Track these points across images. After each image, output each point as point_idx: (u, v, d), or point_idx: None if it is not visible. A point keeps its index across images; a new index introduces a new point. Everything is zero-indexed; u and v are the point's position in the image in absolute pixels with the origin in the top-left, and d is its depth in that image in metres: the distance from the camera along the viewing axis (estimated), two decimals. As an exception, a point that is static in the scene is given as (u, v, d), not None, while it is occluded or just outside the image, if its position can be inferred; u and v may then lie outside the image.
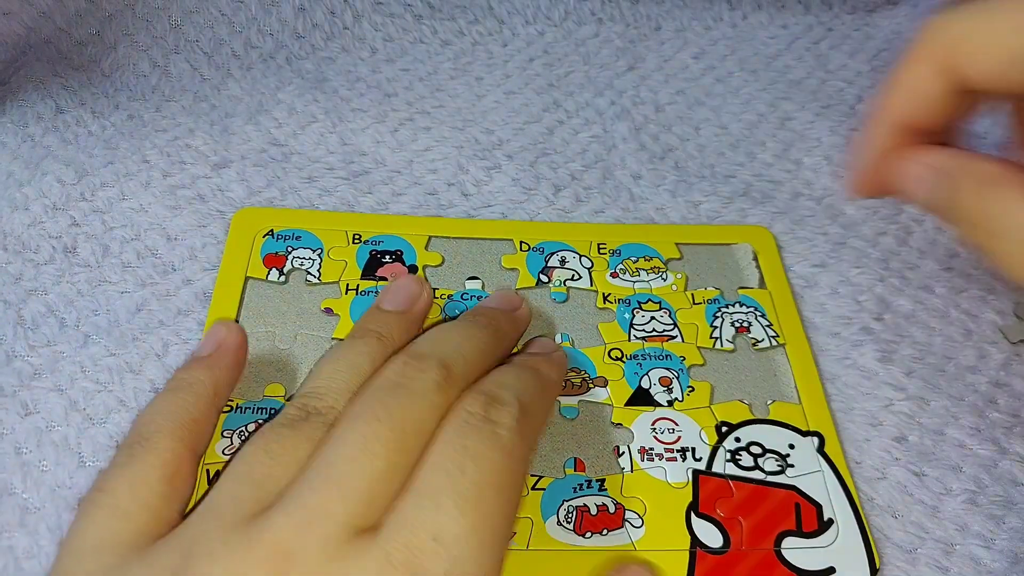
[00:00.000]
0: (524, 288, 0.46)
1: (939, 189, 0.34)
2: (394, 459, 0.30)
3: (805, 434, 0.41)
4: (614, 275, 0.47)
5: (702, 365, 0.43)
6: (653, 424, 0.41)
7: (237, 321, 0.42)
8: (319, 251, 0.46)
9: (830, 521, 0.38)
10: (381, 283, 0.45)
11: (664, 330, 0.45)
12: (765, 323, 0.45)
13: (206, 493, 0.31)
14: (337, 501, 0.28)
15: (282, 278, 0.44)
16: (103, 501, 0.31)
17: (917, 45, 0.34)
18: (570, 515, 0.37)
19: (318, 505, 0.28)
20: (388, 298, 0.40)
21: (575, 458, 0.39)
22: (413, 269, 0.45)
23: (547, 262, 0.47)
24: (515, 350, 0.41)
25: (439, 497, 0.29)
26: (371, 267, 0.45)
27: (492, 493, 0.29)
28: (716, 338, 0.44)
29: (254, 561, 0.27)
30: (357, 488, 0.29)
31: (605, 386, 0.42)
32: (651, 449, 0.40)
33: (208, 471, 0.37)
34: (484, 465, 0.30)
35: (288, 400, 0.40)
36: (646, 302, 0.46)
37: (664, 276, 0.47)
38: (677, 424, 0.41)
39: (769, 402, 0.42)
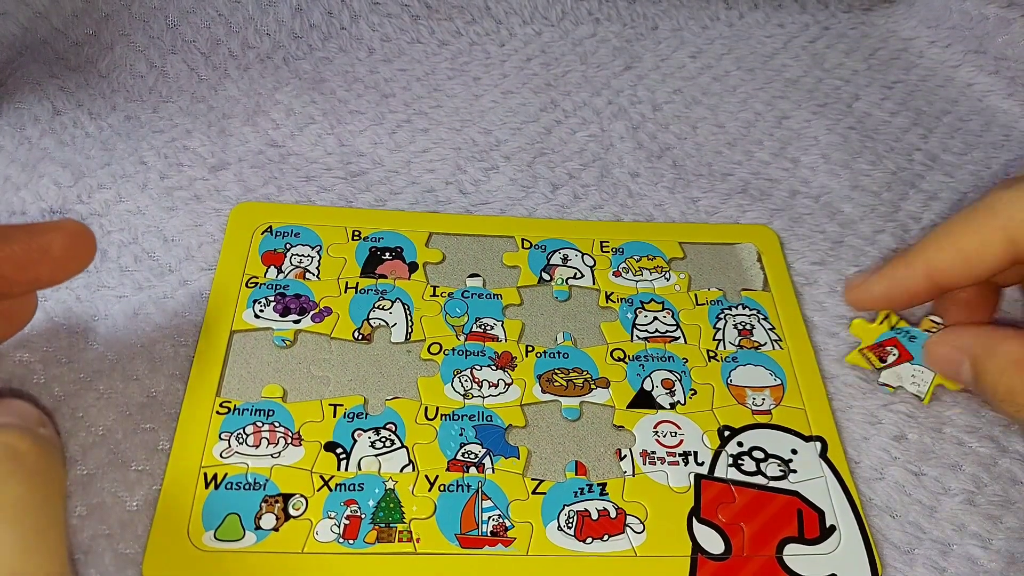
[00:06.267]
0: (526, 286, 0.46)
1: (972, 371, 0.37)
2: None
3: (808, 439, 0.41)
4: (616, 274, 0.47)
5: (704, 366, 0.43)
6: (655, 427, 0.41)
7: (233, 323, 0.42)
8: (318, 248, 0.46)
9: (832, 528, 0.38)
10: (381, 280, 0.45)
11: (667, 331, 0.45)
12: (768, 326, 0.45)
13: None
14: None
15: (280, 276, 0.44)
16: None
17: (983, 212, 0.36)
18: (571, 520, 0.37)
19: None
20: None
21: (576, 461, 0.39)
22: (414, 266, 0.45)
23: (549, 260, 0.47)
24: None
25: None
26: (371, 264, 0.45)
27: None
28: (719, 340, 0.44)
29: None
30: None
31: (607, 387, 0.42)
32: (653, 452, 0.40)
33: (205, 474, 0.37)
34: None
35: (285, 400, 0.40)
36: (649, 302, 0.46)
37: (667, 276, 0.47)
38: (679, 427, 0.41)
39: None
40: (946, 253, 0.37)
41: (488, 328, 0.44)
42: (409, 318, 0.43)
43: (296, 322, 0.43)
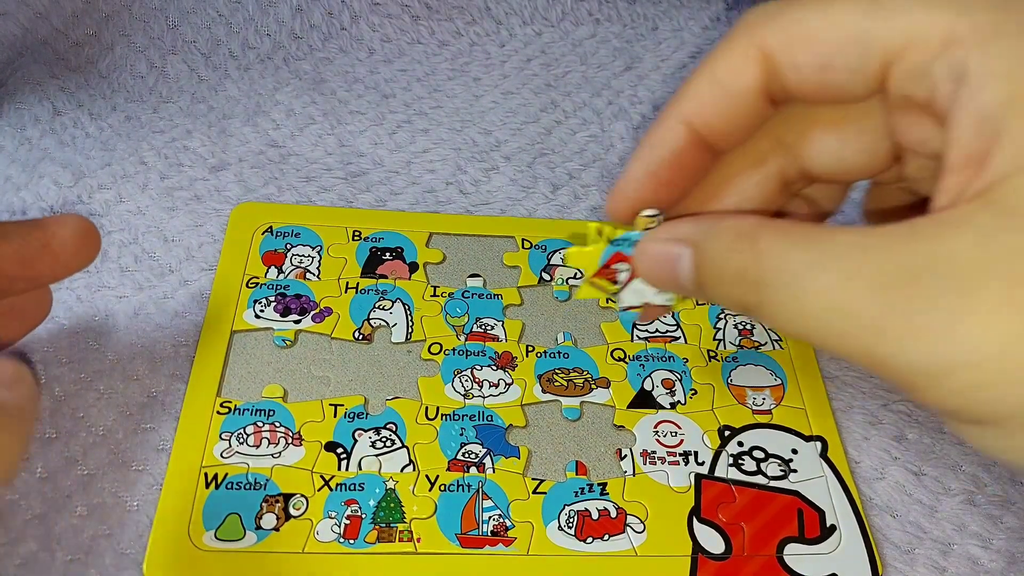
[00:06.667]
0: (526, 286, 0.46)
1: (693, 261, 0.29)
2: None
3: (808, 439, 0.41)
4: None
5: (704, 365, 0.43)
6: (655, 427, 0.41)
7: (234, 323, 0.42)
8: (318, 248, 0.46)
9: (833, 527, 0.38)
10: (381, 281, 0.45)
11: (667, 331, 0.45)
12: (768, 326, 0.45)
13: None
14: None
15: (281, 276, 0.44)
16: None
17: (734, 31, 0.30)
18: (571, 520, 0.37)
19: None
20: None
21: (576, 461, 0.39)
22: (414, 266, 0.45)
23: (549, 260, 0.47)
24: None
25: None
26: (371, 264, 0.45)
27: None
28: (719, 340, 0.44)
29: None
30: None
31: (607, 387, 0.42)
32: (653, 452, 0.40)
33: (206, 474, 0.37)
34: None
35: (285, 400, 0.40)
36: None
37: None
38: (680, 427, 0.41)
39: None
40: (699, 86, 0.30)
41: (488, 328, 0.44)
42: (409, 318, 0.43)
43: (296, 322, 0.43)
